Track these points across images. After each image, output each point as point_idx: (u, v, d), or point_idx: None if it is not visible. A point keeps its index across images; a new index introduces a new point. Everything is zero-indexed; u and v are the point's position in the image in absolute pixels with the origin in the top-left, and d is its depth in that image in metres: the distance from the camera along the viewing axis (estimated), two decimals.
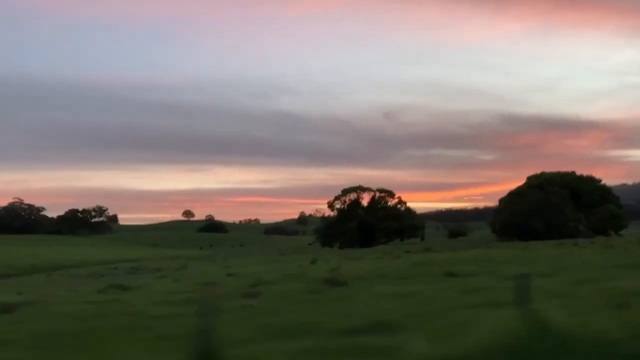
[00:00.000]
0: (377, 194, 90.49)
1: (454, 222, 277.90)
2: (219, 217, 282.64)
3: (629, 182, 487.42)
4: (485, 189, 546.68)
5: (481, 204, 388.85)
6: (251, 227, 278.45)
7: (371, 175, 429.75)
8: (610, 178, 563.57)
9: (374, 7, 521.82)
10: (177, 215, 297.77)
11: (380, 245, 76.61)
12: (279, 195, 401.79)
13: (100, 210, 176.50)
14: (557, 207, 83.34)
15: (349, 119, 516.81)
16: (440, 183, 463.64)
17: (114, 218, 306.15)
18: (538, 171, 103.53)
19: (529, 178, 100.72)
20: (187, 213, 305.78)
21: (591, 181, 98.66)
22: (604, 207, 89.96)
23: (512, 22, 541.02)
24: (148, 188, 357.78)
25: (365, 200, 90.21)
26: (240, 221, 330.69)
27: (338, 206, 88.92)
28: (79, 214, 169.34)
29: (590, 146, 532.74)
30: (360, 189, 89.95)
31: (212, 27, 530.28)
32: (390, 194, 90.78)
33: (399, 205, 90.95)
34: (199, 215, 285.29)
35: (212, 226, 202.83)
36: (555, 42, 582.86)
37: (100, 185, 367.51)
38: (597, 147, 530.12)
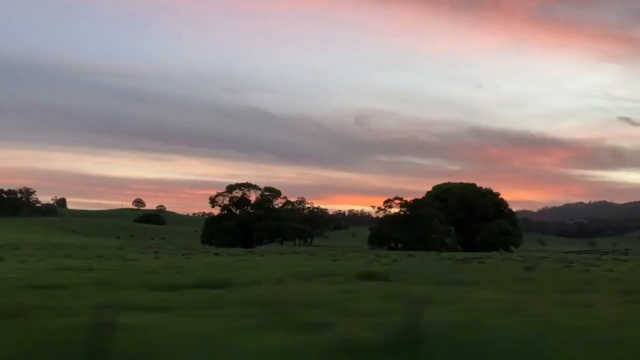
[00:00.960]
0: (263, 193, 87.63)
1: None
2: (174, 208, 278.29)
3: (586, 201, 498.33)
4: None
5: None
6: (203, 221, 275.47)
7: (339, 178, 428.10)
8: (569, 196, 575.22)
9: (354, 12, 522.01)
10: (128, 204, 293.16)
11: (261, 246, 74.43)
12: None
13: (27, 192, 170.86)
14: (424, 219, 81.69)
15: (321, 121, 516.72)
16: (406, 190, 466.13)
17: (62, 202, 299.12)
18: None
19: (433, 188, 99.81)
20: (138, 202, 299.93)
21: (489, 195, 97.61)
22: (496, 222, 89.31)
23: (486, 36, 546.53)
24: (109, 174, 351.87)
25: (252, 198, 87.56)
26: (194, 214, 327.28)
27: (221, 202, 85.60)
28: (3, 194, 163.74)
29: (553, 164, 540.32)
30: (246, 187, 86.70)
31: (189, 18, 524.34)
32: (276, 194, 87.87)
33: (287, 206, 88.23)
34: (152, 205, 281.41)
35: (148, 217, 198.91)
36: (526, 60, 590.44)
37: (59, 168, 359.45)
38: (560, 165, 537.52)
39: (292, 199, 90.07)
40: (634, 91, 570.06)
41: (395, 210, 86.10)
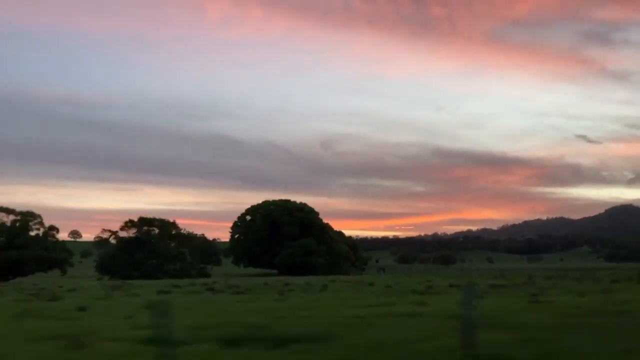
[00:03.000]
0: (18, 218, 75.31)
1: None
2: None
3: (544, 217, 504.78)
4: (417, 219, 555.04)
5: (413, 234, 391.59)
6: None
7: (307, 202, 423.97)
8: (530, 213, 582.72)
9: (315, 37, 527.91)
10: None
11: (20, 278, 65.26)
12: (211, 219, 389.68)
13: None
14: (155, 243, 75.02)
15: (287, 146, 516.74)
16: (373, 212, 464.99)
17: None
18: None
19: (251, 207, 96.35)
20: (74, 233, 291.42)
21: (298, 212, 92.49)
22: (299, 242, 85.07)
23: (445, 60, 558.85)
24: (71, 206, 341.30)
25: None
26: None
27: None
28: None
29: (515, 182, 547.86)
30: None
31: (152, 46, 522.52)
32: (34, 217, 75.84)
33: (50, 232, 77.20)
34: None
35: None
36: (484, 81, 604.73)
37: (20, 201, 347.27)
38: (521, 183, 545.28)
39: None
40: (589, 110, 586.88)
41: (125, 234, 76.06)
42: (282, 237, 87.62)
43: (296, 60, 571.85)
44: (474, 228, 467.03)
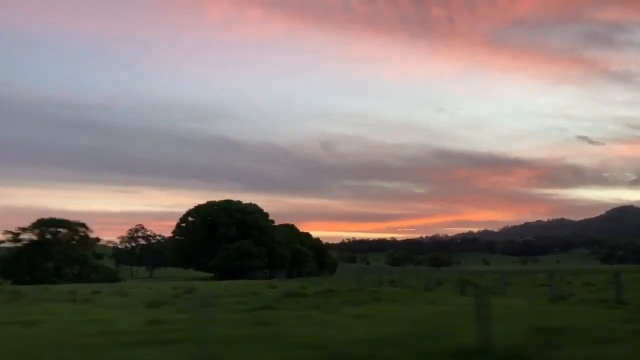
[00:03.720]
0: None
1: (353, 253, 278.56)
2: None
3: (545, 219, 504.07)
4: (418, 221, 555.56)
5: (415, 236, 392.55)
6: None
7: (307, 204, 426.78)
8: (531, 215, 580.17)
9: (315, 38, 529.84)
10: None
11: None
12: None
13: None
14: (55, 246, 70.01)
15: (288, 148, 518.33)
16: (374, 214, 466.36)
17: None
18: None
19: (196, 207, 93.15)
20: None
21: (238, 213, 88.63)
22: (237, 244, 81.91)
23: (446, 61, 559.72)
24: (73, 209, 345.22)
25: None
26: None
27: None
28: None
29: (516, 183, 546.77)
30: None
31: (152, 48, 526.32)
32: None
33: None
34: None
35: None
36: (484, 83, 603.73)
37: (21, 204, 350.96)
38: (522, 185, 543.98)
39: None
40: (590, 111, 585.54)
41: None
42: (220, 239, 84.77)
43: (296, 61, 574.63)
44: (475, 230, 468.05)
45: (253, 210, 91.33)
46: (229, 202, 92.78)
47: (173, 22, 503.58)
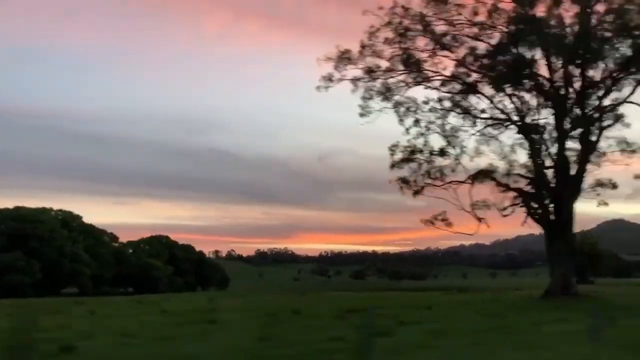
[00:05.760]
0: None
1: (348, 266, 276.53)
2: None
3: (536, 232, 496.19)
4: (413, 233, 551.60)
5: (411, 248, 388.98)
6: None
7: (304, 216, 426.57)
8: (523, 228, 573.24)
9: (313, 51, 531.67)
10: None
11: None
12: (209, 233, 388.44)
13: None
14: None
15: (284, 160, 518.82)
16: (370, 226, 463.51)
17: None
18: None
19: None
20: None
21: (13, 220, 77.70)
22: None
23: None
24: None
25: None
26: None
27: None
28: None
29: (509, 195, 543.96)
30: None
31: (149, 60, 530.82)
32: None
33: None
34: None
35: None
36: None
37: None
38: (515, 198, 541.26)
39: None
40: None
41: None
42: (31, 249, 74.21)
43: (294, 71, 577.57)
44: (466, 243, 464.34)
45: (48, 219, 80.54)
46: (18, 209, 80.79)
47: (172, 35, 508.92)
